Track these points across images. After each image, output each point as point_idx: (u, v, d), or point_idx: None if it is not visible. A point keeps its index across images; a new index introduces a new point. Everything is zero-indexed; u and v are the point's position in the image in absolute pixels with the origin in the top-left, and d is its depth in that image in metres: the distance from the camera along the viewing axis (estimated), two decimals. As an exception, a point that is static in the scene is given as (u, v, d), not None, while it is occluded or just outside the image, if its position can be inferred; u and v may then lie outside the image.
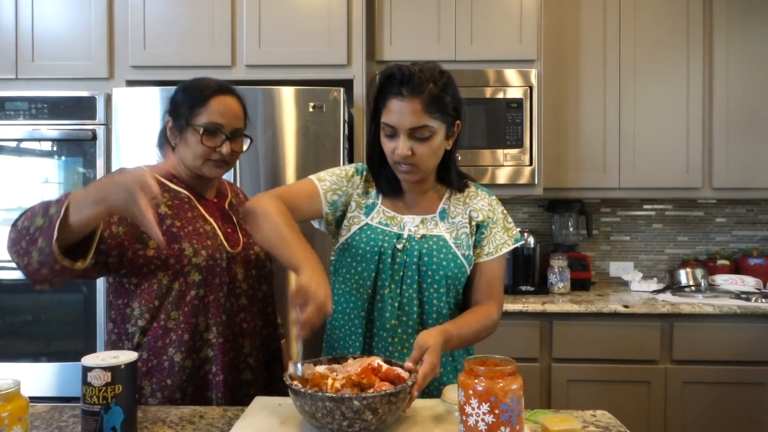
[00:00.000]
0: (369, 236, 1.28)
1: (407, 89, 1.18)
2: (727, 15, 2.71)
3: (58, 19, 2.50)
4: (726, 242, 3.07)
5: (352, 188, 1.33)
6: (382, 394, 0.95)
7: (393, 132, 1.21)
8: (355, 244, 1.28)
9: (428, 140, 1.21)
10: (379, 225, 1.29)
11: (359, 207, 1.32)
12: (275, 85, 2.34)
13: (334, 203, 1.31)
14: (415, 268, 1.26)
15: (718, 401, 2.36)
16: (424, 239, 1.28)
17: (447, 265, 1.26)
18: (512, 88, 2.57)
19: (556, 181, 2.71)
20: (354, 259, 1.29)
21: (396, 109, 1.19)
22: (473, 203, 1.34)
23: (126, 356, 1.00)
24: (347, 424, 0.95)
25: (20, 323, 2.40)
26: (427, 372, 1.03)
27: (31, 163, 2.43)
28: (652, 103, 2.73)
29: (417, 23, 2.59)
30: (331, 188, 1.30)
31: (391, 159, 1.24)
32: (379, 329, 1.27)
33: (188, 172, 1.38)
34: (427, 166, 1.26)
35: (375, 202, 1.33)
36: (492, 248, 1.31)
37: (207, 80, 1.40)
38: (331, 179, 1.32)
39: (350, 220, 1.31)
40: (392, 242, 1.27)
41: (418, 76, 1.19)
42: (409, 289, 1.26)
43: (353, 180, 1.34)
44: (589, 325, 2.37)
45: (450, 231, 1.30)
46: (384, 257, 1.26)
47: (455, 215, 1.32)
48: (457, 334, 1.16)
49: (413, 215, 1.31)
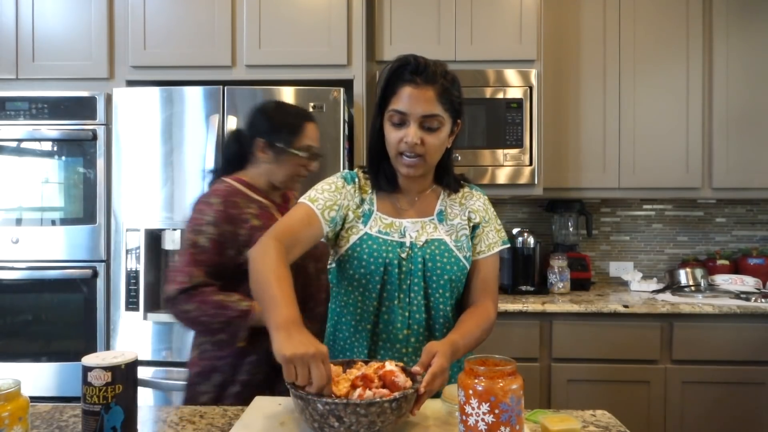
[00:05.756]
0: (371, 247, 1.25)
1: (421, 78, 1.18)
2: (726, 15, 2.71)
3: (58, 19, 2.50)
4: (726, 242, 3.07)
5: (346, 199, 1.28)
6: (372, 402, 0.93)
7: (402, 119, 1.20)
8: (357, 256, 1.25)
9: (437, 131, 1.21)
10: (379, 234, 1.26)
11: (356, 216, 1.29)
12: (275, 85, 2.34)
13: (333, 220, 1.25)
14: (421, 275, 1.25)
15: (718, 401, 2.36)
16: (426, 245, 1.26)
17: (451, 269, 1.26)
18: (512, 88, 2.57)
19: (556, 181, 2.71)
20: (357, 271, 1.25)
21: (409, 95, 1.18)
22: (470, 204, 1.34)
23: (126, 356, 1.00)
24: (344, 428, 0.95)
25: (21, 323, 2.40)
26: (436, 372, 1.02)
27: (31, 163, 2.43)
28: (652, 103, 2.73)
29: (417, 23, 2.59)
30: (326, 206, 1.25)
31: (397, 149, 1.22)
32: (389, 340, 1.25)
33: (267, 185, 1.61)
34: (432, 159, 1.25)
35: (371, 209, 1.29)
36: (485, 246, 1.32)
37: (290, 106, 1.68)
38: (323, 197, 1.26)
39: (348, 230, 1.27)
40: (396, 252, 1.24)
41: (432, 67, 1.20)
42: (417, 296, 1.25)
43: (345, 190, 1.29)
44: (588, 325, 2.38)
45: (450, 234, 1.29)
46: (390, 268, 1.24)
47: (453, 217, 1.31)
48: (464, 344, 1.16)
49: (412, 218, 1.29)
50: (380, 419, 0.93)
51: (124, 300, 2.29)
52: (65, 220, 2.42)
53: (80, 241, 2.40)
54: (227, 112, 2.29)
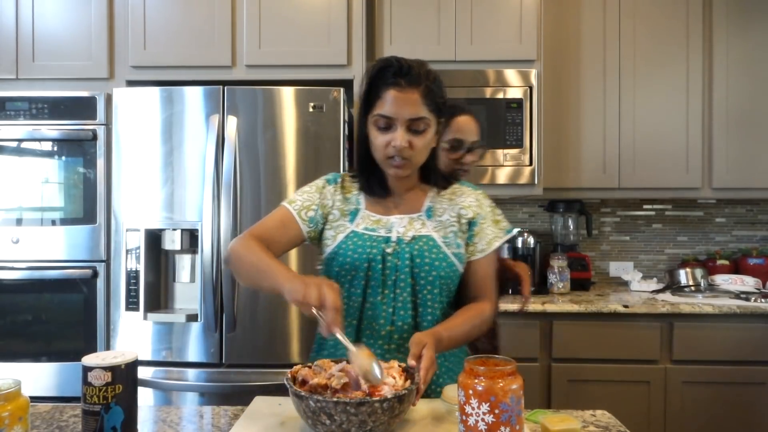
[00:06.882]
0: (356, 244, 1.25)
1: (406, 80, 1.17)
2: (726, 15, 2.71)
3: (58, 19, 2.50)
4: (726, 242, 3.07)
5: (326, 199, 1.30)
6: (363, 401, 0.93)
7: (389, 123, 1.19)
8: (342, 253, 1.25)
9: (423, 133, 1.20)
10: (365, 231, 1.26)
11: (343, 215, 1.29)
12: (275, 85, 2.34)
13: (312, 219, 1.28)
14: (408, 271, 1.24)
15: (718, 401, 2.36)
16: (414, 240, 1.25)
17: (440, 266, 1.25)
18: (512, 88, 2.57)
19: (556, 181, 2.71)
20: (342, 268, 1.25)
21: (394, 99, 1.17)
22: (461, 200, 1.32)
23: (126, 356, 1.00)
24: (344, 428, 0.95)
25: (21, 323, 2.40)
26: (428, 366, 1.04)
27: (31, 163, 2.43)
28: (652, 103, 2.73)
29: (417, 23, 2.59)
30: (303, 206, 1.28)
31: (384, 153, 1.21)
32: (372, 336, 1.24)
33: None
34: (419, 161, 1.25)
35: (358, 208, 1.29)
36: (484, 244, 1.30)
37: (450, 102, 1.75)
38: (301, 198, 1.30)
39: (336, 229, 1.28)
40: (381, 247, 1.24)
41: (416, 69, 1.19)
42: (403, 292, 1.24)
43: (326, 190, 1.31)
44: (588, 325, 2.38)
45: (438, 230, 1.28)
46: (374, 263, 1.24)
47: (442, 213, 1.30)
48: (448, 336, 1.16)
49: (400, 215, 1.29)
50: (371, 419, 0.93)
51: (124, 300, 2.29)
52: (65, 220, 2.42)
53: (80, 241, 2.41)
54: (227, 112, 2.29)
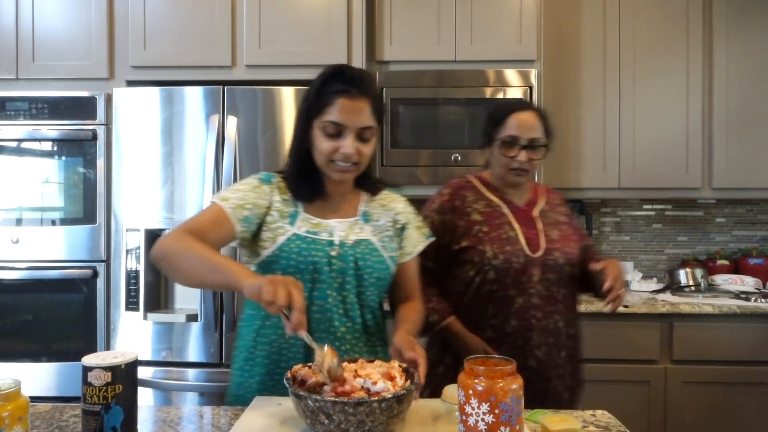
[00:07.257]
0: (300, 246, 1.23)
1: (357, 90, 1.20)
2: (726, 15, 2.71)
3: (58, 19, 2.50)
4: (725, 242, 3.07)
5: (262, 199, 1.26)
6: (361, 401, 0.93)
7: (338, 131, 1.21)
8: (285, 256, 1.23)
9: (370, 141, 1.25)
10: (307, 234, 1.25)
11: (282, 216, 1.27)
12: (275, 85, 2.34)
13: (246, 219, 1.23)
14: (353, 273, 1.26)
15: (718, 401, 2.36)
16: (356, 244, 1.27)
17: (379, 267, 1.29)
18: (512, 88, 2.56)
19: (555, 180, 2.71)
20: (286, 271, 1.22)
21: (346, 107, 1.19)
22: (394, 206, 1.37)
23: (126, 356, 1.00)
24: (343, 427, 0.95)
25: (20, 323, 2.40)
26: (424, 363, 1.09)
27: (31, 163, 2.43)
28: (652, 103, 2.73)
29: (417, 23, 2.59)
30: (238, 204, 1.23)
31: (328, 158, 1.22)
32: (327, 339, 1.22)
33: (499, 181, 1.64)
34: (364, 166, 1.28)
35: (297, 211, 1.28)
36: (411, 248, 1.38)
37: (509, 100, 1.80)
38: (236, 196, 1.25)
39: (274, 231, 1.25)
40: (325, 250, 1.24)
41: (367, 79, 1.23)
42: (350, 294, 1.26)
43: (261, 190, 1.27)
44: (589, 325, 2.37)
45: (375, 234, 1.31)
46: (319, 266, 1.23)
47: (378, 218, 1.34)
48: (413, 334, 1.23)
49: (338, 219, 1.30)
50: (369, 419, 0.94)
51: (124, 300, 2.29)
52: (65, 220, 2.42)
53: (80, 241, 2.41)
54: (227, 112, 2.29)
